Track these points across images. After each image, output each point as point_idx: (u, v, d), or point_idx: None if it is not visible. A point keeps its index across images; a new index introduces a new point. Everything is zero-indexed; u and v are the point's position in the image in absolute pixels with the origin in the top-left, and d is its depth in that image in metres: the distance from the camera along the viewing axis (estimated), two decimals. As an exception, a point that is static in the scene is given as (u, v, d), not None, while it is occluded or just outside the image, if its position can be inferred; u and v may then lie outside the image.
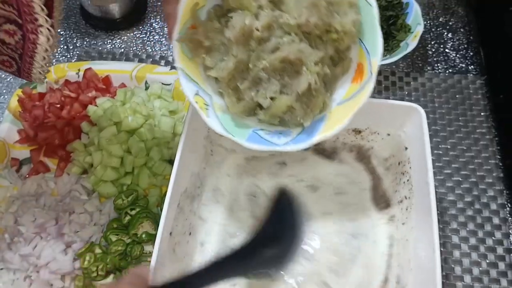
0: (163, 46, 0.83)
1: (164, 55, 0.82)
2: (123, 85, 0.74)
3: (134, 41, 0.84)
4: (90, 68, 0.74)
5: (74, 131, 0.68)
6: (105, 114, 0.66)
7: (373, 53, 0.44)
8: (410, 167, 0.58)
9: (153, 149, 0.65)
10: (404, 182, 0.58)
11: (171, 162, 0.66)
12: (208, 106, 0.46)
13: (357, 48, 0.46)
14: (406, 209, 0.56)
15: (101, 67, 0.75)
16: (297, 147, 0.46)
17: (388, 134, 0.62)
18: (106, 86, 0.74)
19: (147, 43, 0.84)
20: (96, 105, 0.69)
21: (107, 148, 0.63)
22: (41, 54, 0.48)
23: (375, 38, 0.43)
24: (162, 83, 0.73)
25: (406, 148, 0.59)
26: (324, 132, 0.45)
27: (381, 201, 0.61)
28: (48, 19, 0.45)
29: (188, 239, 0.58)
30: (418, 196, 0.55)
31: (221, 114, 0.47)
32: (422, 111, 0.56)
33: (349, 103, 0.46)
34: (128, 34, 0.85)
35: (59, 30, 0.83)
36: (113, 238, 0.59)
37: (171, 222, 0.53)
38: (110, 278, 0.57)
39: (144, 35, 0.85)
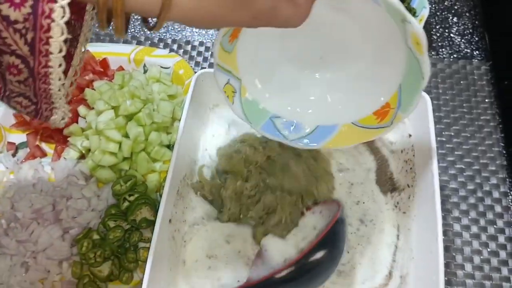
0: (162, 28, 0.81)
1: (162, 37, 0.80)
2: (121, 68, 0.73)
3: (132, 22, 0.82)
4: (87, 51, 0.72)
5: (71, 115, 0.66)
6: (103, 98, 0.64)
7: (404, 109, 0.45)
8: (414, 155, 0.57)
9: (151, 134, 0.64)
10: (407, 170, 0.58)
11: (170, 147, 0.66)
12: (235, 93, 0.50)
13: (393, 90, 0.46)
14: (408, 198, 0.56)
15: (99, 50, 0.74)
16: (302, 146, 0.51)
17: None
18: (103, 69, 0.72)
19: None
20: (93, 89, 0.67)
21: (104, 133, 0.62)
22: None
23: (413, 99, 0.44)
24: (161, 66, 0.72)
25: (410, 135, 0.59)
26: (330, 143, 0.50)
27: (387, 183, 0.60)
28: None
29: (185, 227, 0.57)
30: (421, 184, 0.55)
31: (245, 101, 0.51)
32: (427, 97, 0.55)
33: (361, 130, 0.49)
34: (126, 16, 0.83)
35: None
36: (111, 224, 0.58)
37: (170, 209, 0.52)
38: (107, 264, 0.57)
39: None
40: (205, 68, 0.76)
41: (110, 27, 0.31)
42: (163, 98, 0.67)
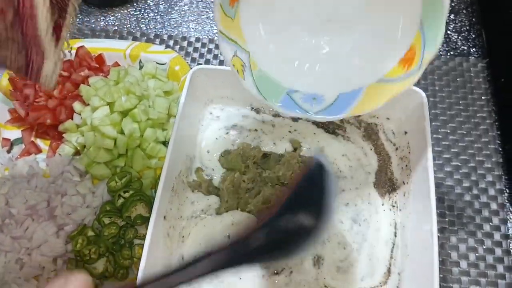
0: (158, 24, 0.81)
1: (158, 33, 0.80)
2: (116, 64, 0.72)
3: (128, 18, 0.82)
4: (82, 46, 0.72)
5: (66, 111, 0.66)
6: (98, 94, 0.64)
7: (431, 46, 0.42)
8: (409, 152, 0.57)
9: (147, 130, 0.63)
10: (402, 168, 0.58)
11: (165, 144, 0.65)
12: (245, 67, 0.47)
13: (414, 30, 0.44)
14: (404, 195, 0.56)
15: (94, 45, 0.73)
16: (329, 118, 0.47)
17: (388, 118, 0.61)
18: (99, 64, 0.72)
19: (142, 20, 0.81)
20: (88, 85, 0.67)
21: (99, 129, 0.62)
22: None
23: (437, 31, 0.41)
24: (157, 63, 0.72)
25: (406, 133, 0.58)
26: (356, 109, 0.46)
27: (386, 185, 0.60)
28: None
29: (183, 223, 0.57)
30: (416, 181, 0.54)
31: (257, 75, 0.47)
32: (423, 95, 0.55)
33: (389, 86, 0.45)
34: (122, 11, 0.82)
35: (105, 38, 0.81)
36: (106, 221, 0.58)
37: (165, 206, 0.52)
38: (102, 261, 0.56)
39: (138, 13, 0.82)
40: (201, 64, 0.75)
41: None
42: (159, 94, 0.67)
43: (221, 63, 0.75)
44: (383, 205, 0.59)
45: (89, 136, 0.63)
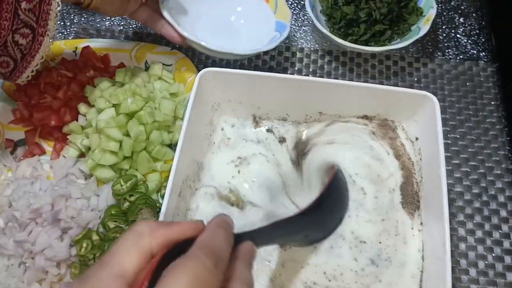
0: (164, 24, 0.79)
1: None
2: (122, 65, 0.71)
3: (130, 20, 0.80)
4: (88, 46, 0.71)
5: (71, 112, 0.65)
6: (104, 96, 0.63)
7: None
8: (421, 159, 0.56)
9: (153, 133, 0.62)
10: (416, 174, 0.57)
11: (171, 146, 0.64)
12: None
13: None
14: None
15: (100, 45, 0.72)
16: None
17: (398, 124, 0.61)
18: (104, 65, 0.71)
19: (146, 21, 0.80)
20: (94, 86, 0.66)
21: (105, 131, 0.61)
22: (41, 54, 0.56)
23: None
24: (163, 64, 0.71)
25: (417, 139, 0.58)
26: None
27: (414, 200, 0.57)
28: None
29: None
30: (428, 188, 0.53)
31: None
32: (435, 100, 0.54)
33: None
34: (127, 11, 0.81)
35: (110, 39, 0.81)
36: (111, 225, 0.57)
37: (172, 212, 0.51)
38: None
39: (143, 13, 0.81)
40: (208, 65, 0.74)
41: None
42: (165, 96, 0.66)
43: (229, 65, 0.74)
44: (412, 229, 0.55)
45: (94, 138, 0.62)
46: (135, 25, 0.80)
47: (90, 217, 0.58)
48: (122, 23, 0.80)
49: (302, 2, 0.80)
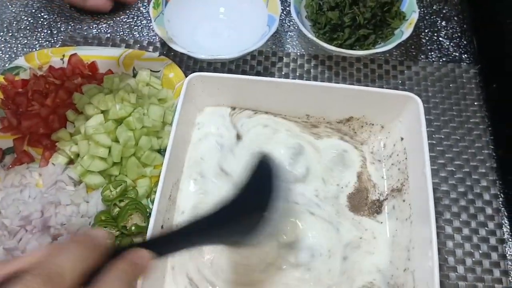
0: (151, 32, 0.80)
1: (152, 40, 0.79)
2: (110, 72, 0.72)
3: (120, 25, 0.81)
4: (75, 54, 0.71)
5: (59, 119, 0.65)
6: (92, 102, 0.63)
7: None
8: (406, 158, 0.57)
9: (142, 138, 0.63)
10: (399, 174, 0.58)
11: (160, 152, 0.65)
12: None
13: None
14: (403, 201, 0.56)
15: (87, 53, 0.73)
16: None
17: (382, 126, 0.62)
18: (92, 72, 0.71)
19: (134, 28, 0.81)
20: (82, 93, 0.66)
21: (94, 138, 0.61)
22: None
23: None
24: (151, 70, 0.71)
25: (402, 139, 0.59)
26: None
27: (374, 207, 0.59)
28: None
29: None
30: (414, 187, 0.54)
31: None
32: (419, 100, 0.55)
33: None
34: (114, 19, 0.82)
35: (42, 14, 0.81)
36: None
37: (162, 215, 0.51)
38: None
39: (131, 20, 0.82)
40: (196, 71, 0.75)
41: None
42: (153, 102, 0.67)
43: (216, 70, 0.75)
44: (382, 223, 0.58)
45: (83, 145, 0.62)
46: (122, 32, 0.80)
47: (80, 223, 0.58)
48: (109, 31, 0.80)
49: (288, 8, 0.82)
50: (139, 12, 0.83)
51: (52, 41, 0.79)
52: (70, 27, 0.81)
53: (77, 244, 0.30)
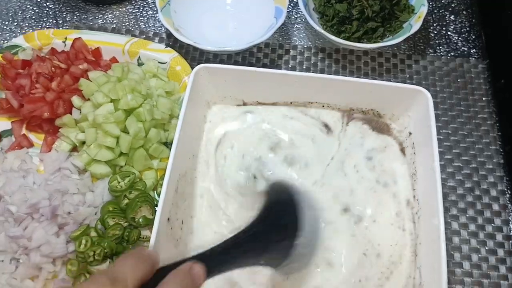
0: (157, 22, 0.80)
1: (158, 31, 0.78)
2: (114, 59, 0.71)
3: (126, 16, 0.80)
4: (79, 38, 0.70)
5: (64, 105, 0.64)
6: (102, 90, 0.62)
7: None
8: (414, 152, 0.57)
9: (151, 130, 0.62)
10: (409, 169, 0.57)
11: (166, 145, 0.64)
12: None
13: None
14: (414, 197, 0.55)
15: (91, 38, 0.71)
16: None
17: (391, 119, 0.61)
18: (96, 58, 0.70)
19: (140, 18, 0.80)
20: (88, 79, 0.65)
21: (103, 126, 0.60)
22: None
23: None
24: (157, 61, 0.70)
25: (410, 133, 0.58)
26: None
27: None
28: None
29: (188, 223, 0.56)
30: (422, 182, 0.54)
31: None
32: (428, 94, 0.55)
33: None
34: (120, 9, 0.81)
35: (47, 4, 0.80)
36: (111, 222, 0.57)
37: (169, 208, 0.51)
38: (106, 264, 0.55)
39: (137, 10, 0.81)
40: (202, 63, 0.74)
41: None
42: (161, 94, 0.66)
43: (222, 62, 0.75)
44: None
45: (90, 133, 0.61)
46: (128, 23, 0.79)
47: (87, 213, 0.58)
48: (115, 21, 0.80)
49: (295, 0, 0.81)
50: (145, 3, 0.82)
51: (58, 31, 0.78)
52: (75, 17, 0.80)
53: (135, 257, 0.36)
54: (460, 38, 0.78)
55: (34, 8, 0.81)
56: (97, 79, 0.64)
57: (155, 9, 0.81)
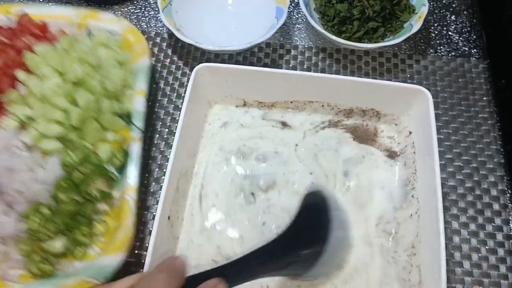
0: (159, 22, 0.80)
1: (159, 31, 0.79)
2: (62, 32, 0.67)
3: (128, 16, 0.81)
4: (26, 15, 0.66)
5: (9, 80, 0.61)
6: (48, 63, 0.59)
7: None
8: (414, 152, 0.57)
9: (104, 102, 0.59)
10: (408, 168, 0.57)
11: (122, 117, 0.62)
12: None
13: None
14: (413, 196, 0.55)
15: (37, 11, 0.67)
16: None
17: (392, 118, 0.61)
18: (42, 32, 0.66)
19: (142, 18, 0.81)
20: (33, 52, 0.61)
21: (50, 100, 0.57)
22: None
23: None
24: (108, 31, 0.67)
25: (411, 133, 0.58)
26: None
27: None
28: None
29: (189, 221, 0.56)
30: (422, 182, 0.54)
31: None
32: (428, 94, 0.55)
33: None
34: (122, 9, 0.82)
35: (50, 4, 0.80)
36: (63, 197, 0.54)
37: (169, 206, 0.51)
38: (59, 239, 0.53)
39: (139, 10, 0.82)
40: (203, 63, 0.75)
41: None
42: (113, 64, 0.63)
43: (224, 62, 0.75)
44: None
45: (37, 107, 0.58)
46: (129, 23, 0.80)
47: (38, 190, 0.55)
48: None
49: (296, 0, 0.81)
50: (146, 3, 0.82)
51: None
52: (77, 17, 0.80)
53: (164, 273, 0.36)
54: (461, 38, 0.78)
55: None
56: (43, 52, 0.61)
57: (157, 9, 0.81)
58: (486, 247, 0.61)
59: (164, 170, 0.58)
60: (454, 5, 0.82)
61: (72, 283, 0.50)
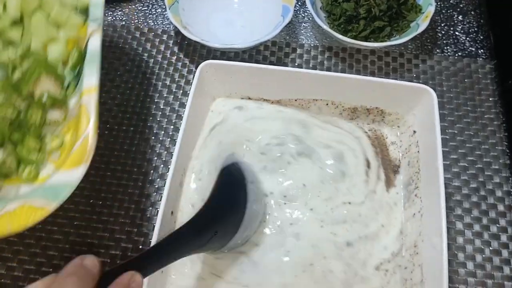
0: (166, 20, 0.80)
1: (166, 29, 0.79)
2: None
3: (135, 13, 0.81)
4: None
5: None
6: None
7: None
8: (418, 151, 0.57)
9: None
10: (412, 167, 0.57)
11: (77, 10, 0.53)
12: None
13: None
14: (416, 195, 0.55)
15: None
16: None
17: (397, 118, 0.61)
18: None
19: (149, 16, 0.81)
20: None
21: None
22: None
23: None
24: None
25: (415, 132, 0.58)
26: None
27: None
28: None
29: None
30: (426, 181, 0.54)
31: None
32: (433, 93, 0.55)
33: None
34: (129, 6, 0.82)
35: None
36: None
37: (173, 202, 0.52)
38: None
39: (146, 8, 0.82)
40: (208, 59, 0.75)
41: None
42: None
43: (229, 59, 0.75)
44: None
45: None
46: (137, 20, 0.80)
47: None
48: (124, 18, 0.80)
49: (303, -1, 0.81)
50: (154, 1, 0.83)
51: (67, 28, 0.79)
52: (85, 14, 0.81)
53: (74, 278, 0.33)
54: (468, 38, 0.78)
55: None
56: None
57: (164, 6, 0.82)
58: (490, 248, 0.60)
59: (169, 166, 0.58)
60: (461, 5, 0.81)
61: (14, 208, 0.39)
